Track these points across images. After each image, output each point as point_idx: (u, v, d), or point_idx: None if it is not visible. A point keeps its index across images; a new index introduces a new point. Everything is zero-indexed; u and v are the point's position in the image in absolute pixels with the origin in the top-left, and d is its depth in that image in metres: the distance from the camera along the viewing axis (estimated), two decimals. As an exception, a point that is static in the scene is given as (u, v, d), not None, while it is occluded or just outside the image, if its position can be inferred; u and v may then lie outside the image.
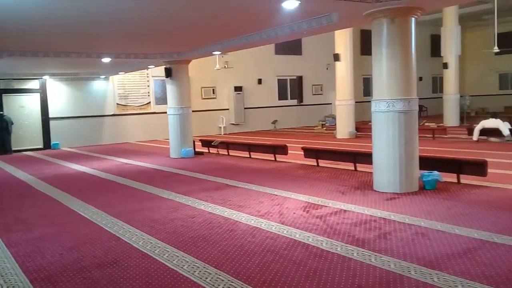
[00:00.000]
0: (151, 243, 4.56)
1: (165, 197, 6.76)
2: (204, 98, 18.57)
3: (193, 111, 12.57)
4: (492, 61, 23.30)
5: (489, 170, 6.57)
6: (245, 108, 19.31)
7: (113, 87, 16.93)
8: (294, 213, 5.48)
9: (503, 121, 11.95)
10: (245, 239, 4.54)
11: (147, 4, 6.00)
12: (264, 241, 4.44)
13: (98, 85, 16.75)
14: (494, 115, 12.42)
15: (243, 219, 5.29)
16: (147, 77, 17.41)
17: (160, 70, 14.43)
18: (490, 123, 11.91)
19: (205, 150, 12.43)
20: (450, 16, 17.57)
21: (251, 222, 5.16)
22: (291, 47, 19.73)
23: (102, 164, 11.02)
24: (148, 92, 17.54)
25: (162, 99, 16.99)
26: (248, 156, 10.96)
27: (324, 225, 4.89)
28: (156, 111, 17.43)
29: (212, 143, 12.11)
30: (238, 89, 19.00)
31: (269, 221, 5.16)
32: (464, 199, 5.84)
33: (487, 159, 6.73)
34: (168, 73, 11.73)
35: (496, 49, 16.16)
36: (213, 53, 11.35)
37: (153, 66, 14.45)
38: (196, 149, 12.02)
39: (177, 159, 11.30)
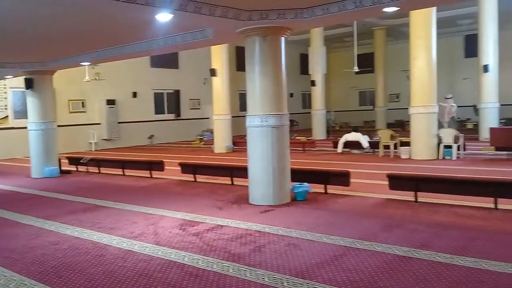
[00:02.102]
0: (5, 276, 4.01)
1: (25, 223, 6.05)
2: (72, 112, 17.27)
3: (59, 126, 11.60)
4: (353, 79, 25.73)
5: (352, 180, 7.12)
6: (118, 123, 18.43)
7: (-38, 98, 14.86)
8: (170, 232, 5.29)
9: (363, 134, 13.17)
10: (116, 264, 4.24)
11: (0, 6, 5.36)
12: (136, 265, 4.18)
13: None
14: (355, 129, 13.64)
15: (114, 243, 4.94)
16: (5, 88, 15.64)
17: (19, 80, 13.04)
18: (352, 136, 13.03)
19: (73, 168, 11.51)
20: (317, 37, 19.00)
21: (123, 245, 4.84)
22: (167, 60, 19.47)
23: None
24: (6, 105, 15.75)
25: (22, 113, 15.32)
26: (122, 173, 10.42)
27: (200, 243, 4.79)
28: (15, 126, 15.67)
29: (81, 161, 11.25)
30: (111, 102, 18.09)
31: (143, 242, 4.90)
32: (331, 208, 6.23)
33: (350, 170, 7.30)
34: (29, 84, 10.63)
35: (356, 68, 17.89)
36: (82, 64, 10.63)
37: (11, 76, 13.02)
38: (63, 168, 11.06)
39: (40, 179, 10.26)
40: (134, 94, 19.12)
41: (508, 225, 5.03)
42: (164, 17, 5.68)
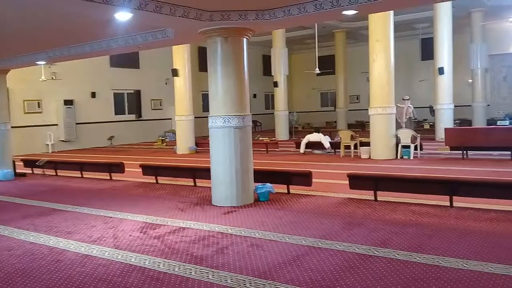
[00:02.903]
0: (-48, 286, 3.80)
1: (-25, 229, 5.77)
2: (27, 113, 16.62)
3: (13, 127, 11.14)
4: (315, 81, 26.08)
5: (314, 180, 7.21)
6: (77, 124, 17.90)
7: None
8: (130, 235, 5.18)
9: (324, 135, 13.38)
10: (74, 269, 4.10)
11: None
12: (95, 270, 4.07)
13: None
14: (317, 130, 13.85)
15: (72, 247, 4.79)
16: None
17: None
18: (314, 137, 13.21)
19: (28, 171, 11.08)
20: (279, 38, 19.15)
21: (81, 249, 4.70)
22: (128, 60, 19.08)
23: None
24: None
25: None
26: (80, 176, 10.13)
27: (162, 246, 4.72)
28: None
29: (37, 163, 10.84)
30: (68, 102, 17.54)
31: (102, 246, 4.77)
32: (293, 208, 6.28)
33: (312, 170, 7.39)
34: (-19, 83, 10.17)
35: (317, 70, 18.14)
36: (37, 62, 10.25)
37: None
38: (17, 170, 10.63)
39: (-7, 182, 9.83)
40: (93, 94, 18.63)
41: (462, 222, 5.23)
42: (123, 16, 5.56)
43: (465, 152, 10.79)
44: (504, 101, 21.49)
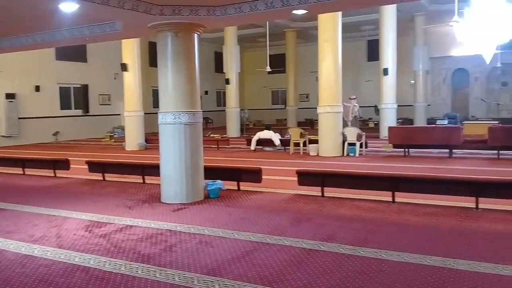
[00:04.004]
0: None
1: None
2: (-36, 106, 15.65)
3: None
4: (266, 79, 26.30)
5: (264, 177, 7.29)
6: (19, 118, 17.03)
7: None
8: (75, 234, 5.02)
9: (275, 132, 13.55)
10: (13, 270, 3.93)
11: None
12: (36, 270, 3.92)
13: None
14: (268, 127, 13.98)
15: (12, 247, 4.58)
16: None
17: None
18: (265, 134, 13.34)
19: (-36, 167, 10.45)
20: (231, 36, 19.14)
21: (22, 249, 4.51)
22: (74, 53, 18.37)
23: None
24: None
25: None
26: (22, 173, 9.67)
27: (107, 244, 4.61)
28: None
29: (-26, 159, 10.26)
30: (10, 96, 16.64)
31: (44, 246, 4.60)
32: (243, 204, 6.33)
33: (262, 167, 7.47)
34: None
35: (268, 68, 18.33)
36: (-26, 53, 9.69)
37: None
38: (-48, 167, 10.00)
39: None
40: (37, 88, 17.78)
41: (403, 217, 5.48)
42: (68, 7, 5.37)
43: (407, 150, 11.29)
44: (443, 101, 22.69)
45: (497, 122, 15.07)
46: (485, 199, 5.69)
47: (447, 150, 10.82)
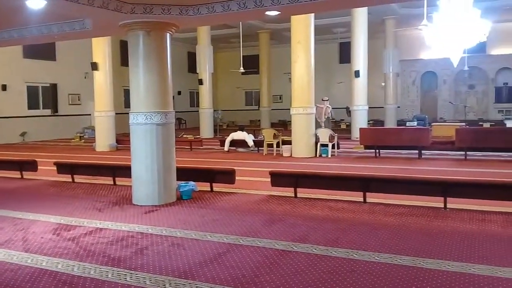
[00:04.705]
0: None
1: None
2: None
3: None
4: (239, 80, 26.29)
5: (237, 178, 7.27)
6: (-16, 118, 16.50)
7: None
8: (42, 237, 4.88)
9: (248, 133, 13.55)
10: (-24, 276, 3.78)
11: None
12: (2, 275, 3.78)
13: None
14: (241, 128, 13.97)
15: (-26, 252, 4.41)
16: None
17: None
18: (238, 135, 13.32)
19: None
20: (204, 36, 19.04)
21: (-15, 254, 4.35)
22: (43, 51, 17.93)
23: None
24: None
25: None
26: (-14, 174, 9.35)
27: (76, 248, 4.49)
28: None
29: None
30: (-26, 95, 16.11)
31: (9, 250, 4.45)
32: (216, 206, 6.29)
33: (235, 168, 7.45)
34: None
35: (242, 69, 18.32)
36: None
37: None
38: None
39: None
40: (3, 87, 17.24)
41: (374, 217, 5.56)
42: (36, 3, 5.21)
43: (377, 150, 11.48)
44: (412, 103, 23.22)
45: (464, 124, 15.50)
46: (453, 199, 5.83)
47: (416, 151, 11.05)
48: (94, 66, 14.25)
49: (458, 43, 10.07)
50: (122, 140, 14.70)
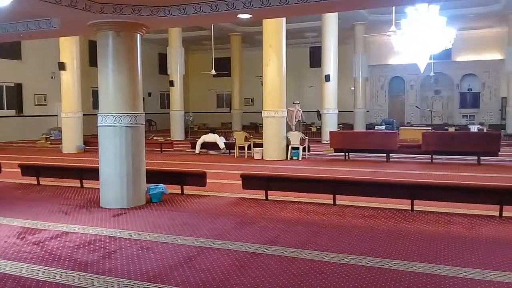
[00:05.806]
0: None
1: None
2: None
3: None
4: (211, 82, 26.15)
5: (208, 180, 7.22)
6: None
7: None
8: (6, 241, 4.72)
9: (220, 135, 13.51)
10: None
11: None
12: (-40, 282, 3.63)
13: None
14: (213, 131, 13.91)
15: None
16: None
17: None
18: (210, 137, 13.25)
19: None
20: (175, 37, 18.88)
21: None
22: (7, 50, 17.35)
23: None
24: None
25: None
26: None
27: (41, 252, 4.36)
28: None
29: None
30: None
31: (-31, 255, 4.27)
32: (187, 209, 6.23)
33: (207, 170, 7.40)
34: None
35: (213, 72, 18.25)
36: None
37: None
38: None
39: None
40: (-36, 86, 16.63)
41: (344, 219, 5.63)
42: (1, 1, 5.03)
43: (347, 154, 11.65)
44: (381, 107, 23.72)
45: (430, 128, 15.93)
46: (420, 201, 5.98)
47: (384, 155, 11.27)
48: (62, 66, 13.90)
49: (424, 50, 10.37)
50: (90, 141, 14.39)
